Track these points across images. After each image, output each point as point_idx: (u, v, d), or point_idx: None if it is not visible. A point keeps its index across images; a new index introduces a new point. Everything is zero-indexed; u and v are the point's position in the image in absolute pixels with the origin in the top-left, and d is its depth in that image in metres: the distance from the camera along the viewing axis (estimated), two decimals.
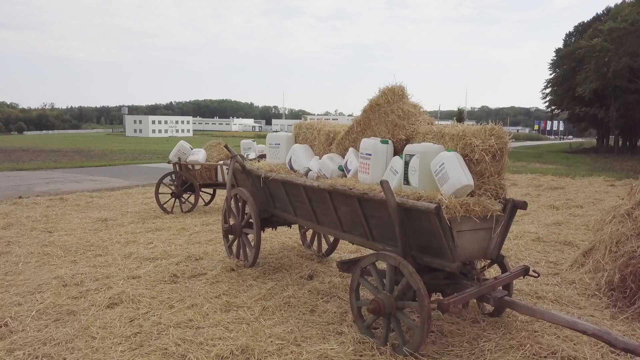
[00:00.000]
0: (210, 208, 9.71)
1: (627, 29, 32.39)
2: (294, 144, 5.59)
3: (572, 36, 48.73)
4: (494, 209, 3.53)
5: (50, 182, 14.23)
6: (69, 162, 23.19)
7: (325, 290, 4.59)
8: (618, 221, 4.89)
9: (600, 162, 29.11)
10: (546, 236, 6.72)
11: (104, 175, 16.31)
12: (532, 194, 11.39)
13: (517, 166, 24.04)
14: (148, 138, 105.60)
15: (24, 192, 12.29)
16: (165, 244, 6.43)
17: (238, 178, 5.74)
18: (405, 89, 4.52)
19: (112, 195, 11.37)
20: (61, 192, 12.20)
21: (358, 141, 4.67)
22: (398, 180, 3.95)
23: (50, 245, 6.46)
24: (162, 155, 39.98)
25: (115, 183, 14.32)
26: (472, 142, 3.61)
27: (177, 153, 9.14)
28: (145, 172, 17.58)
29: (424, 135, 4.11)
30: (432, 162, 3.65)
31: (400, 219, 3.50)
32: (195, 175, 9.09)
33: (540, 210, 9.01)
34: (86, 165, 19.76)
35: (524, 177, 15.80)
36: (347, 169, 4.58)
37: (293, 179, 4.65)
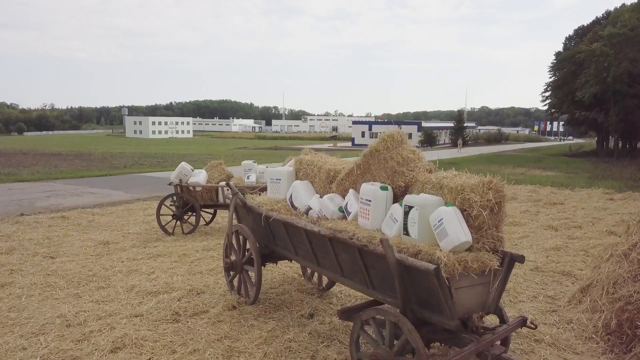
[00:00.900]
0: (211, 229, 9.77)
1: (627, 35, 32.42)
2: (295, 179, 5.65)
3: (572, 40, 48.78)
4: (491, 264, 3.58)
5: (52, 195, 14.29)
6: (69, 171, 23.21)
7: (326, 332, 4.64)
8: (615, 261, 4.94)
9: (600, 169, 29.14)
10: (544, 265, 6.77)
11: (105, 187, 16.35)
12: (531, 210, 11.43)
13: (517, 173, 24.12)
14: (148, 139, 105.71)
15: (26, 207, 12.36)
16: (166, 274, 6.49)
17: (239, 213, 5.78)
18: (404, 134, 4.59)
19: (113, 212, 11.42)
20: (62, 207, 12.26)
21: (358, 183, 4.73)
22: (397, 228, 4.00)
23: (53, 275, 6.52)
24: (162, 158, 40.10)
25: (116, 196, 14.38)
26: (471, 198, 3.67)
27: (179, 175, 9.18)
28: (145, 183, 17.63)
29: (423, 184, 4.17)
30: (431, 216, 3.70)
31: (400, 274, 3.55)
32: (196, 197, 9.14)
33: (539, 232, 9.06)
34: (87, 175, 19.80)
35: (523, 190, 15.84)
36: (347, 211, 4.63)
37: (294, 221, 4.70)
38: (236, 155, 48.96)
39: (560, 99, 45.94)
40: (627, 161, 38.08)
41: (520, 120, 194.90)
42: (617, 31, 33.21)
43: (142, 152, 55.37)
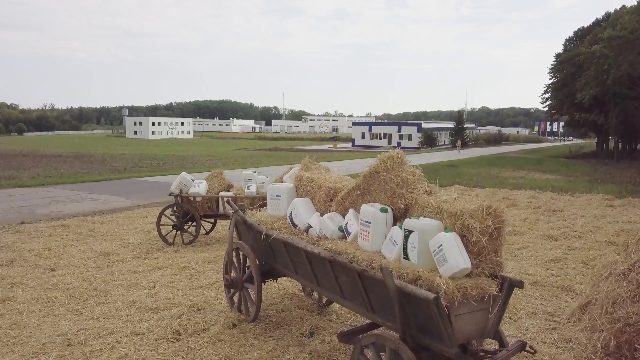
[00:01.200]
0: (211, 239, 9.78)
1: (627, 37, 32.43)
2: (295, 196, 5.67)
3: (571, 41, 48.82)
4: (491, 291, 3.60)
5: (52, 201, 14.30)
6: (69, 175, 23.25)
7: (326, 352, 4.65)
8: (614, 280, 4.95)
9: (600, 172, 29.15)
10: (544, 279, 6.79)
11: (105, 192, 16.37)
12: (530, 218, 11.45)
13: (517, 177, 24.15)
14: (148, 140, 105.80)
15: (26, 215, 12.38)
16: (167, 288, 6.50)
17: (240, 230, 5.80)
18: (404, 155, 4.60)
19: (113, 220, 11.44)
20: (63, 215, 12.29)
21: (358, 203, 4.75)
22: (397, 252, 4.02)
23: (54, 289, 6.53)
24: (162, 160, 40.07)
25: (116, 203, 14.39)
26: (470, 224, 3.68)
27: (179, 185, 9.19)
28: (145, 188, 17.64)
29: (423, 207, 4.19)
30: (431, 242, 3.72)
31: (400, 300, 3.57)
32: (196, 207, 9.15)
33: (539, 242, 9.07)
34: (87, 179, 19.81)
35: (523, 195, 15.86)
36: (347, 231, 4.64)
37: (294, 241, 4.71)
38: (236, 156, 49.04)
39: (560, 101, 45.98)
40: (627, 163, 38.12)
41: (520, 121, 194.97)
42: (617, 34, 33.20)
43: (142, 153, 55.39)
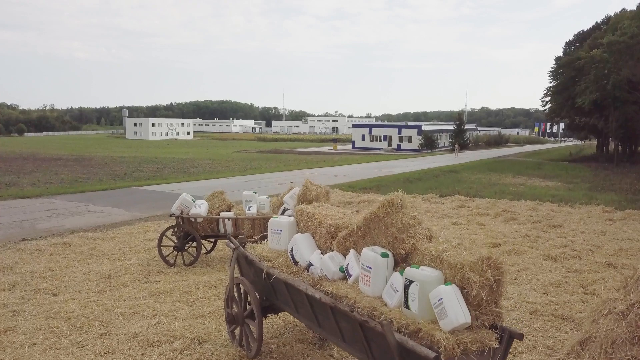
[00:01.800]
0: (211, 259, 9.81)
1: (627, 43, 32.43)
2: (296, 230, 5.70)
3: (571, 45, 48.80)
4: (490, 344, 3.63)
5: (53, 215, 14.34)
6: (70, 182, 23.30)
7: None
8: (613, 318, 4.96)
9: (600, 177, 29.21)
10: (543, 307, 6.82)
11: (106, 203, 16.40)
12: (530, 235, 11.48)
13: (517, 184, 24.17)
14: (148, 141, 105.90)
15: (27, 230, 12.42)
16: (168, 317, 6.53)
17: (241, 264, 5.82)
18: (404, 198, 4.63)
19: (114, 237, 11.47)
20: (64, 230, 12.32)
21: (359, 244, 4.78)
22: (398, 299, 4.05)
23: (56, 318, 6.56)
24: (162, 164, 40.05)
25: (117, 216, 14.43)
26: (470, 278, 3.71)
27: (180, 206, 9.21)
28: (146, 199, 17.66)
29: (423, 255, 4.21)
30: (431, 294, 3.75)
31: (401, 354, 3.60)
32: (197, 228, 9.18)
33: (539, 263, 9.10)
34: (87, 189, 19.82)
35: (522, 207, 15.89)
36: (348, 273, 4.67)
37: (296, 283, 4.74)
38: (236, 159, 49.04)
39: (560, 104, 46.00)
40: (627, 167, 38.17)
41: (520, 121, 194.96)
42: (617, 39, 33.21)
43: (142, 156, 55.45)
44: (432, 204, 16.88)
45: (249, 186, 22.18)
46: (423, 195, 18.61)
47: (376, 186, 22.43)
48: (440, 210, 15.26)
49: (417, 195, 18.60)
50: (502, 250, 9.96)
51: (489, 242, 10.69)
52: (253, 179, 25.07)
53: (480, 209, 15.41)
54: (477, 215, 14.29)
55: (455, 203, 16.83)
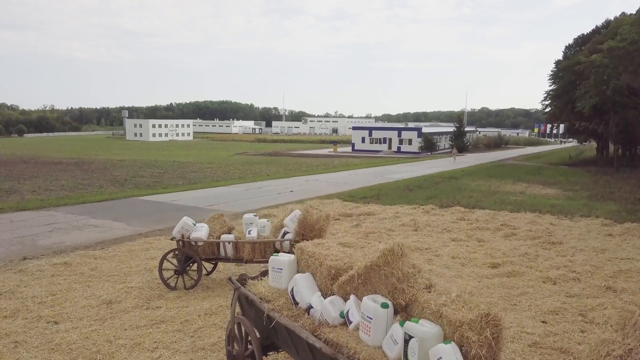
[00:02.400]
0: (212, 281, 9.84)
1: (627, 49, 32.46)
2: (296, 269, 5.73)
3: (571, 48, 48.82)
4: None
5: (54, 229, 14.38)
6: (70, 188, 23.33)
7: None
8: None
9: (600, 184, 29.27)
10: (542, 339, 6.85)
11: (106, 216, 16.43)
12: (530, 253, 11.52)
13: (517, 192, 24.20)
14: (149, 142, 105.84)
15: (28, 247, 12.47)
16: (170, 351, 6.57)
17: (242, 303, 5.85)
18: (404, 247, 4.66)
19: (115, 255, 11.51)
20: (65, 247, 12.37)
21: (359, 290, 4.81)
22: (398, 352, 4.09)
23: (57, 350, 6.60)
24: (162, 168, 39.95)
25: (118, 230, 14.47)
26: (469, 337, 3.74)
27: (181, 230, 9.25)
28: (146, 211, 17.70)
29: (422, 307, 4.24)
30: (431, 351, 3.79)
31: None
32: (197, 251, 9.21)
33: (538, 287, 9.14)
34: (88, 200, 19.84)
35: (522, 220, 15.94)
36: (348, 320, 4.71)
37: (296, 329, 4.77)
38: (236, 163, 49.03)
39: (560, 108, 46.04)
40: (627, 172, 38.22)
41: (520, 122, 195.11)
42: (617, 45, 33.23)
43: (142, 159, 55.47)
44: (432, 215, 16.92)
45: (248, 195, 22.23)
46: (423, 207, 18.63)
47: (376, 195, 22.48)
48: (440, 223, 15.30)
49: (417, 207, 18.63)
50: (501, 272, 10.00)
51: (489, 262, 10.73)
52: (253, 187, 25.10)
53: (480, 222, 15.45)
54: (476, 230, 14.33)
55: (455, 215, 16.87)
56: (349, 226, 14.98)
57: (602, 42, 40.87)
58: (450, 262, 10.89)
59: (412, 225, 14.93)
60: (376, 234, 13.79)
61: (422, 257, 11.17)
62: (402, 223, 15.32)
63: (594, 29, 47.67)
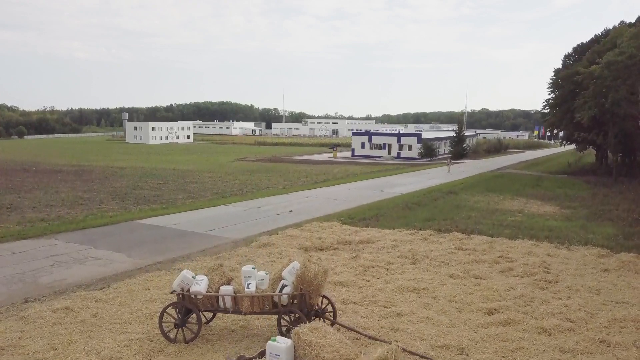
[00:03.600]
0: (211, 333, 9.93)
1: (625, 63, 32.56)
2: (293, 356, 5.85)
3: (570, 57, 48.92)
4: None
5: (55, 263, 14.50)
6: (70, 204, 23.43)
7: None
8: None
9: (598, 199, 29.42)
10: None
11: (106, 246, 16.54)
12: (526, 295, 11.62)
13: (515, 212, 24.32)
14: (149, 146, 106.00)
15: (30, 284, 12.63)
16: None
17: None
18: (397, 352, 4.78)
19: (116, 298, 11.62)
20: (66, 286, 12.51)
21: None
22: None
23: None
24: (163, 179, 39.63)
25: (118, 264, 14.60)
26: None
27: (180, 283, 9.37)
28: (146, 238, 17.80)
29: None
30: None
31: None
32: (197, 304, 9.33)
33: (533, 338, 9.25)
34: (88, 225, 19.93)
35: (520, 249, 16.07)
36: None
37: None
38: (236, 171, 49.19)
39: (559, 118, 46.16)
40: (626, 183, 38.36)
41: (520, 123, 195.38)
42: (615, 58, 33.33)
43: (142, 166, 55.66)
44: (431, 243, 17.06)
45: (248, 216, 22.35)
46: (421, 231, 18.78)
47: (375, 215, 22.62)
48: (437, 254, 15.40)
49: (415, 232, 18.77)
50: (497, 320, 10.12)
51: (485, 307, 10.85)
52: (252, 206, 25.23)
53: (477, 253, 15.58)
54: (474, 263, 14.46)
55: (452, 243, 17.02)
56: (348, 257, 15.10)
57: (601, 52, 41.01)
58: (447, 306, 11.01)
59: (410, 257, 15.05)
60: (375, 268, 13.92)
61: (419, 301, 11.31)
62: (401, 254, 15.45)
63: (593, 38, 47.78)
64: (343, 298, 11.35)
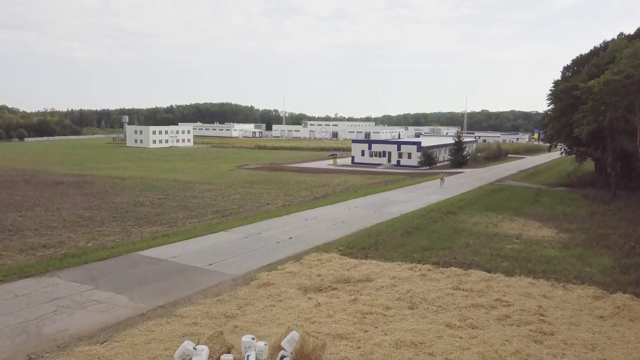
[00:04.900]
0: None
1: (623, 82, 32.73)
2: None
3: (569, 69, 49.05)
4: None
5: (57, 309, 14.66)
6: (71, 224, 23.56)
7: None
8: None
9: (596, 221, 29.62)
10: None
11: (108, 286, 16.67)
12: (521, 351, 11.78)
13: (513, 237, 24.50)
14: (149, 150, 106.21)
15: (33, 336, 12.82)
16: None
17: None
18: None
19: (118, 354, 11.79)
20: (69, 338, 12.69)
21: None
22: None
23: None
24: (164, 193, 38.81)
25: (120, 309, 14.77)
26: None
27: (182, 355, 9.58)
28: (147, 276, 17.93)
29: None
30: None
31: None
32: None
33: None
34: (91, 259, 20.05)
35: (516, 289, 16.27)
36: None
37: None
38: (236, 184, 49.32)
39: (558, 131, 46.35)
40: (624, 198, 38.58)
41: (520, 124, 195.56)
42: (613, 77, 33.50)
43: (142, 176, 55.82)
44: (429, 281, 17.27)
45: (248, 246, 22.51)
46: (420, 266, 18.99)
47: (375, 244, 22.80)
48: (435, 296, 15.56)
49: (414, 266, 18.97)
50: None
51: None
52: (252, 232, 25.38)
53: (475, 294, 15.77)
54: (471, 308, 14.64)
55: (450, 280, 17.23)
56: (347, 301, 15.29)
57: (600, 65, 41.17)
58: None
59: (408, 300, 15.24)
60: (373, 315, 14.11)
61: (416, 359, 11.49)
62: (399, 296, 15.62)
63: (592, 50, 47.89)
64: (342, 355, 11.52)
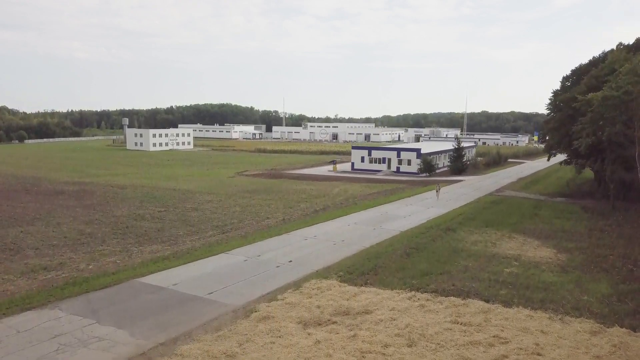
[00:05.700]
0: None
1: (621, 98, 32.84)
2: None
3: (568, 79, 49.13)
4: None
5: (59, 348, 14.79)
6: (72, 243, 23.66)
7: None
8: None
9: (595, 236, 29.75)
10: None
11: (109, 320, 16.79)
12: None
13: (511, 259, 24.64)
14: (149, 153, 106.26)
15: None
16: None
17: None
18: None
19: None
20: None
21: None
22: None
23: None
24: (164, 205, 38.16)
25: (121, 346, 14.91)
26: None
27: None
28: (148, 308, 18.01)
29: None
30: None
31: None
32: None
33: None
34: (92, 287, 20.16)
35: (514, 324, 16.38)
36: None
37: None
38: (236, 194, 49.30)
39: (557, 141, 46.46)
40: (623, 210, 38.72)
41: (520, 126, 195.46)
42: (612, 93, 33.59)
43: (142, 185, 55.88)
44: (427, 312, 17.42)
45: (247, 271, 22.61)
46: (419, 295, 19.13)
47: (374, 268, 22.92)
48: (434, 332, 15.67)
49: (413, 295, 19.10)
50: None
51: None
52: (252, 255, 25.47)
53: (472, 329, 15.94)
54: (469, 346, 14.78)
55: (449, 312, 17.37)
56: (346, 337, 15.43)
57: (599, 77, 41.25)
58: None
59: (407, 337, 15.37)
60: (372, 354, 14.26)
61: None
62: (398, 332, 15.75)
63: (591, 61, 47.95)
64: None
